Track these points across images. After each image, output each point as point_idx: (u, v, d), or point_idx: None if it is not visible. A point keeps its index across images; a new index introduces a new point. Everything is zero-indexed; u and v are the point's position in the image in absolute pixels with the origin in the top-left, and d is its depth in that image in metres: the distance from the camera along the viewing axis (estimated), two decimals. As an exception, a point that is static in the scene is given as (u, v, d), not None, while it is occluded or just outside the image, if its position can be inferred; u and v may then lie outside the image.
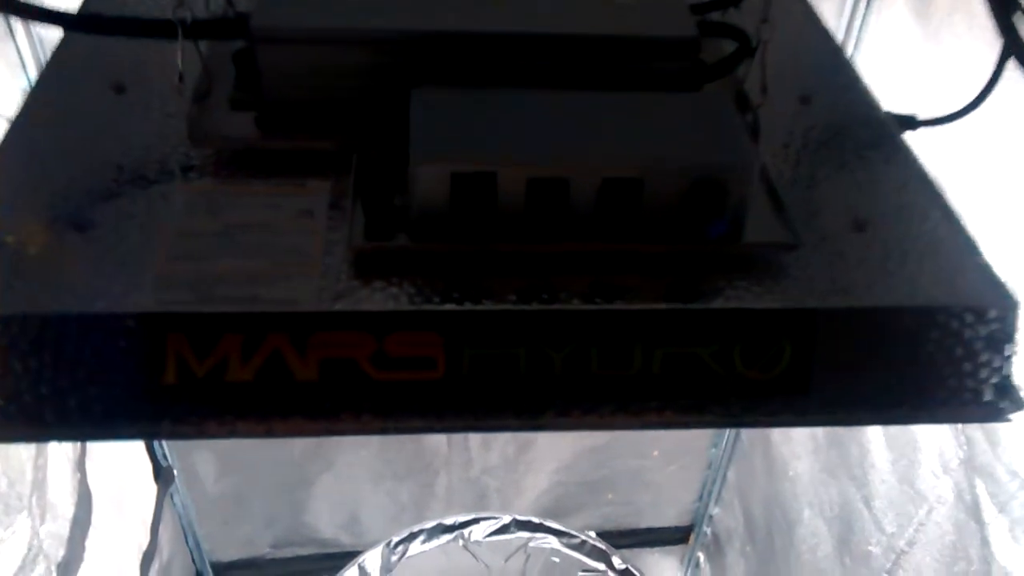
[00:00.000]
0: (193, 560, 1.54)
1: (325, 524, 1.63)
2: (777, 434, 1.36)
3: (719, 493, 1.60)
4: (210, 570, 1.58)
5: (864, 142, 0.63)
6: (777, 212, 0.54)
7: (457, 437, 1.52)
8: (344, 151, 0.55)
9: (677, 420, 0.51)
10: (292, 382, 0.48)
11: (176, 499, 1.45)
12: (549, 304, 0.49)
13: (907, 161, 0.61)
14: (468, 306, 0.49)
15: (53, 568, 0.92)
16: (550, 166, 0.49)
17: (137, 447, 1.32)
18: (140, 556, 1.26)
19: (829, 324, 0.51)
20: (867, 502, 1.13)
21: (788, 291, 0.51)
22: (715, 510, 1.63)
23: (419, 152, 0.49)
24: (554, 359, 0.49)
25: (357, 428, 0.49)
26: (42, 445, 0.91)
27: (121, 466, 1.24)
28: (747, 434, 1.48)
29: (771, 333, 0.50)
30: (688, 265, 0.52)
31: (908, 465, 1.02)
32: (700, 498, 1.65)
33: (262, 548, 1.62)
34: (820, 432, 1.23)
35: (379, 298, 0.49)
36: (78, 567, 0.98)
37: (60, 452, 0.98)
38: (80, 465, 1.03)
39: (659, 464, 1.60)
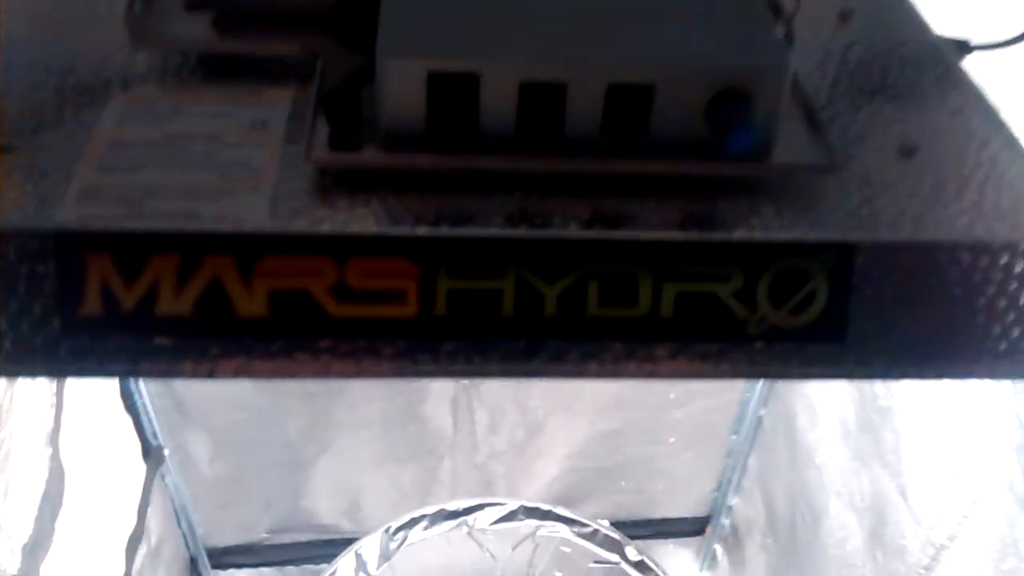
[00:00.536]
0: (187, 545, 1.48)
1: (325, 509, 1.56)
2: (802, 419, 1.28)
3: (739, 482, 1.52)
4: (204, 555, 1.51)
5: (912, 63, 0.55)
6: (812, 131, 0.46)
7: (463, 419, 1.44)
8: (310, 57, 0.48)
9: (690, 369, 0.43)
10: (236, 316, 0.41)
11: (168, 480, 1.38)
12: (542, 230, 0.42)
13: (962, 85, 0.53)
14: (446, 230, 0.41)
15: (17, 549, 0.85)
16: (545, 68, 0.42)
17: (124, 423, 1.26)
18: (127, 540, 1.20)
19: (871, 260, 0.43)
20: (902, 492, 1.04)
21: (823, 221, 0.43)
22: (734, 500, 1.54)
23: (389, 45, 0.41)
24: (546, 296, 0.42)
25: (313, 371, 0.42)
26: (6, 417, 0.84)
27: (105, 443, 1.18)
28: (769, 419, 1.39)
29: (803, 270, 0.42)
30: (707, 188, 0.45)
31: (951, 450, 0.94)
32: (719, 487, 1.57)
33: (259, 533, 1.56)
34: (850, 416, 1.15)
35: (341, 219, 0.41)
36: (47, 549, 0.92)
37: (30, 425, 0.91)
38: (53, 440, 0.96)
39: (676, 450, 1.52)
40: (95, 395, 1.12)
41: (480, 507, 1.35)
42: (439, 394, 1.38)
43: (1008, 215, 0.44)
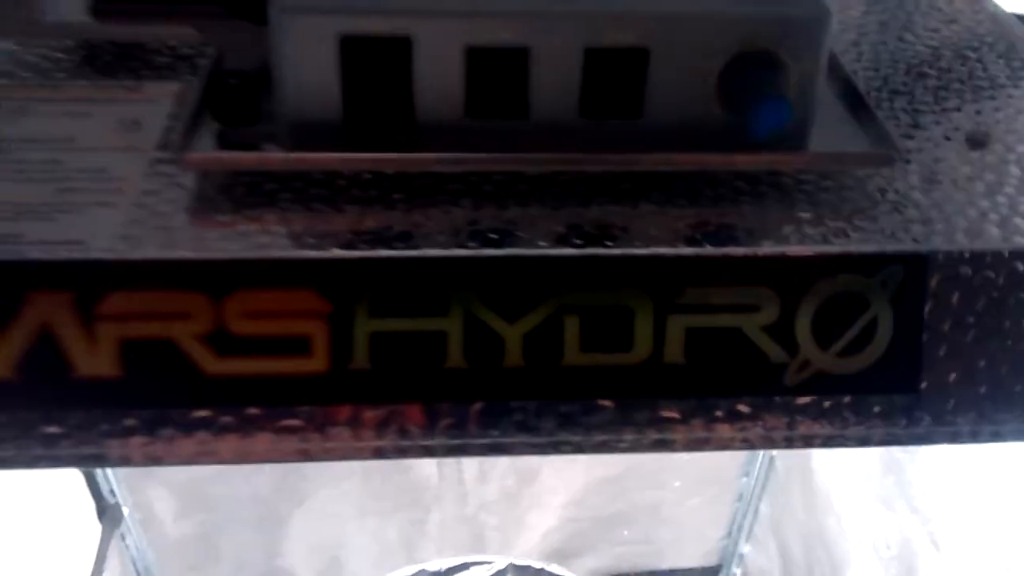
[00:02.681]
0: (151, 612, 1.35)
1: (302, 568, 1.43)
2: (819, 458, 1.16)
3: (751, 529, 1.39)
4: (171, 623, 1.38)
5: (971, 39, 0.44)
6: (858, 115, 0.35)
7: (449, 467, 1.33)
8: (207, 43, 0.37)
9: (709, 437, 0.32)
10: (73, 377, 0.29)
11: (128, 541, 1.26)
12: (500, 249, 0.30)
13: (1038, 59, 0.42)
14: (367, 252, 0.30)
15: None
16: (501, 28, 0.30)
17: (75, 480, 1.14)
18: (81, 612, 1.07)
19: (949, 278, 0.31)
20: (934, 540, 0.92)
21: (882, 228, 0.32)
22: (746, 548, 1.42)
23: (285, 1, 0.30)
24: (507, 339, 0.30)
25: (186, 453, 0.30)
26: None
27: (51, 503, 1.06)
28: (782, 460, 1.27)
29: (858, 294, 0.31)
30: (723, 188, 0.33)
31: (989, 494, 0.82)
32: (729, 534, 1.44)
33: (231, 596, 1.43)
34: (873, 455, 1.03)
35: (222, 239, 0.30)
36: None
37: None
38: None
39: (682, 496, 1.39)
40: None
41: (465, 566, 1.22)
42: (422, 440, 1.26)
43: None
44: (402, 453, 0.31)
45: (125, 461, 0.30)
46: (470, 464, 1.32)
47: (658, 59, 0.31)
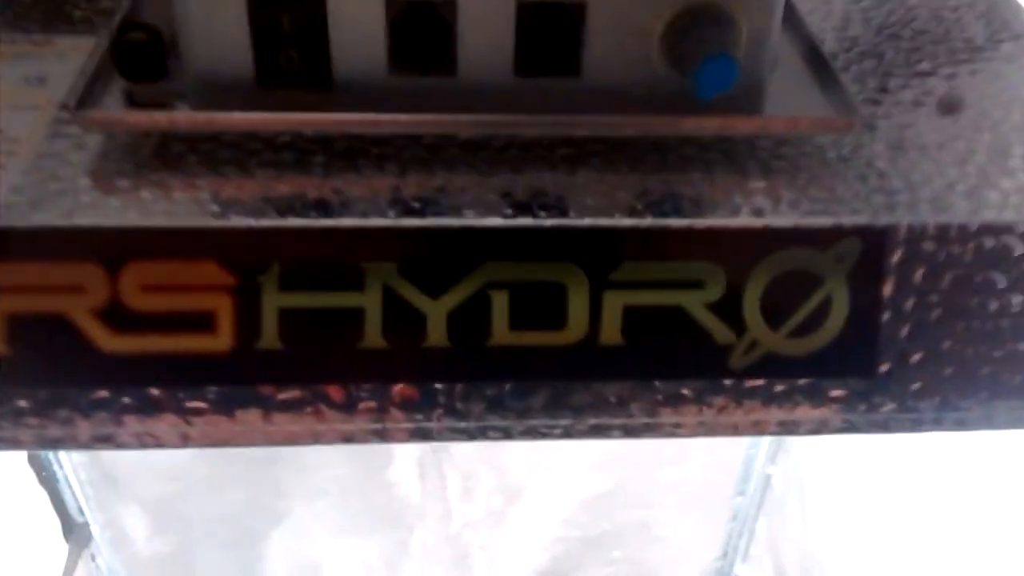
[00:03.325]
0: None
1: (280, 590, 1.40)
2: (816, 476, 1.13)
3: (746, 549, 1.36)
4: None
5: (961, 5, 0.41)
6: (819, 78, 0.32)
7: (432, 484, 1.29)
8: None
9: (648, 424, 0.29)
10: (-45, 354, 0.27)
11: (99, 561, 1.23)
12: (423, 219, 0.28)
13: (1017, 23, 0.40)
14: (276, 220, 0.27)
15: None
16: (424, -22, 0.28)
17: (39, 498, 1.10)
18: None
19: (910, 254, 0.29)
20: (939, 561, 0.90)
21: (839, 199, 0.30)
22: (742, 569, 1.39)
23: (182, -57, 0.28)
24: (429, 316, 0.28)
25: (78, 437, 0.28)
26: None
27: (11, 523, 1.02)
28: (779, 478, 1.24)
29: (810, 271, 0.29)
30: (667, 154, 0.31)
31: (1000, 510, 0.79)
32: (724, 555, 1.41)
33: (207, 619, 1.40)
34: (874, 469, 1.00)
35: (118, 205, 0.28)
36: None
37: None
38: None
39: (674, 515, 1.36)
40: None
41: (444, 589, 1.19)
42: (403, 455, 1.24)
43: (1105, 187, 0.31)
44: (318, 438, 0.29)
45: (16, 444, 0.28)
46: (454, 481, 1.30)
47: (596, 12, 0.28)
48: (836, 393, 0.30)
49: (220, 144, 0.30)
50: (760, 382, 0.29)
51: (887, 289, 0.29)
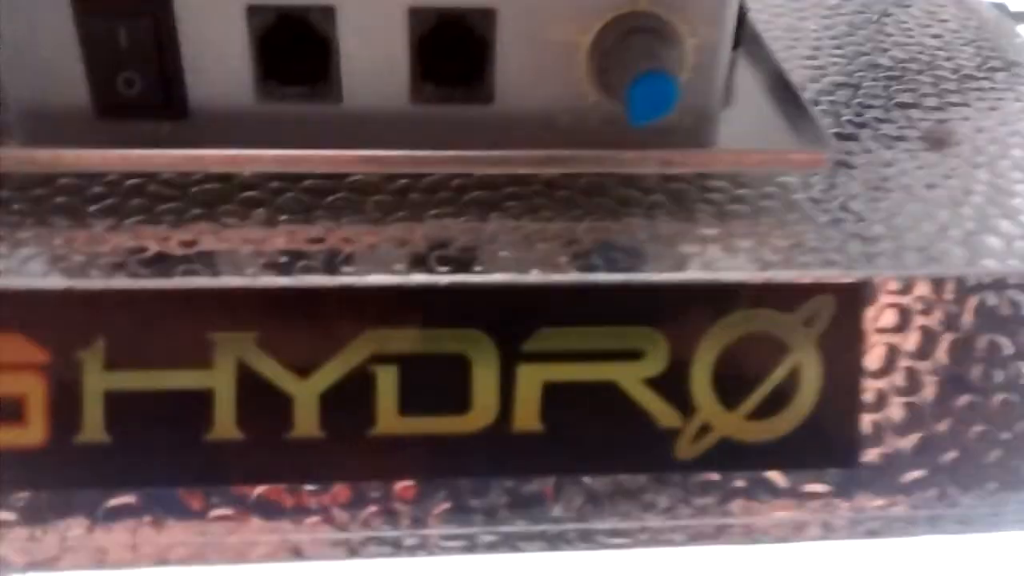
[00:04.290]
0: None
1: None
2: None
3: None
4: None
5: (941, 25, 0.36)
6: (784, 107, 0.27)
7: None
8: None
9: (573, 533, 0.23)
10: None
11: None
12: (289, 276, 0.22)
13: (1013, 55, 0.35)
14: (102, 281, 0.22)
15: None
16: (295, -16, 0.23)
17: None
18: None
19: (900, 313, 0.24)
20: None
21: (808, 248, 0.24)
22: None
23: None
24: (296, 399, 0.22)
25: None
26: None
27: None
28: None
29: (772, 336, 0.23)
30: (603, 195, 0.26)
31: None
32: None
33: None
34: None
35: (-94, 265, 0.22)
36: None
37: None
38: None
39: None
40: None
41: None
42: None
43: None
44: (161, 557, 0.23)
45: None
46: None
47: (509, 24, 0.23)
48: (811, 488, 0.24)
49: (56, 188, 0.25)
50: (714, 476, 0.23)
51: (869, 358, 0.24)
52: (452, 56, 0.24)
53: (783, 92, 0.28)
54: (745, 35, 0.31)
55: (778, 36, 0.35)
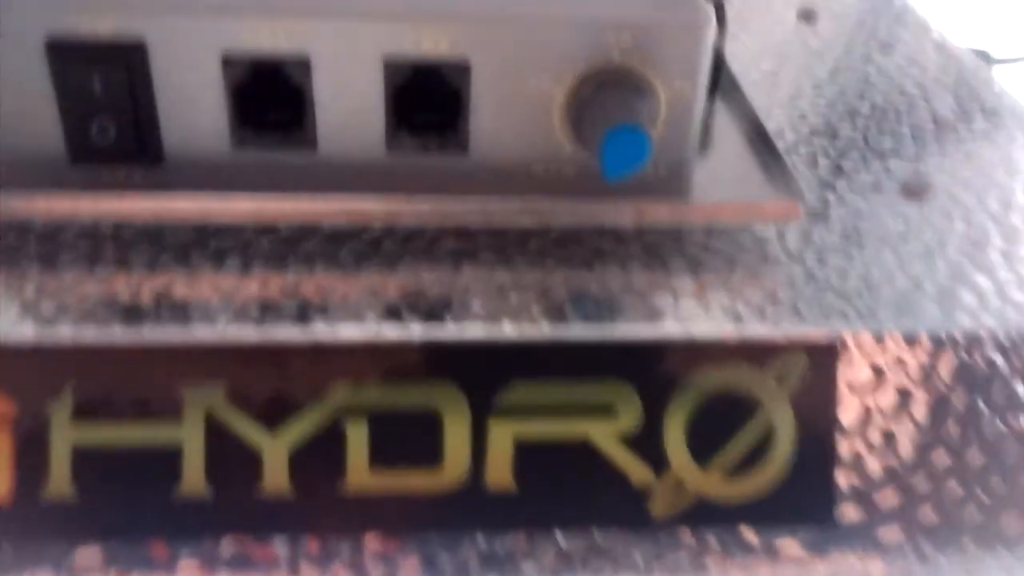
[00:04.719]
0: None
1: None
2: None
3: None
4: None
5: (921, 71, 0.37)
6: (759, 156, 0.27)
7: None
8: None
9: (548, 585, 0.23)
10: None
11: None
12: (261, 327, 0.22)
13: (991, 103, 0.35)
14: (72, 332, 0.22)
15: None
16: (268, 30, 0.23)
17: None
18: None
19: (873, 370, 0.24)
20: None
21: (781, 302, 0.24)
22: None
23: (-39, -12, 0.22)
24: (265, 452, 0.22)
25: None
26: None
27: None
28: None
29: (745, 393, 0.23)
30: (576, 246, 0.26)
31: None
32: None
33: None
34: None
35: None
36: None
37: None
38: None
39: None
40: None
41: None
42: None
43: (1104, 288, 0.25)
44: (124, 610, 0.22)
45: None
46: None
47: (484, 75, 0.23)
48: (786, 546, 0.24)
49: (29, 235, 0.24)
50: (689, 534, 0.23)
51: (843, 415, 0.24)
52: (427, 105, 0.24)
53: (759, 140, 0.28)
54: (723, 81, 0.31)
55: (756, 81, 0.35)
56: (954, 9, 0.59)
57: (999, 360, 0.24)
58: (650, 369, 0.23)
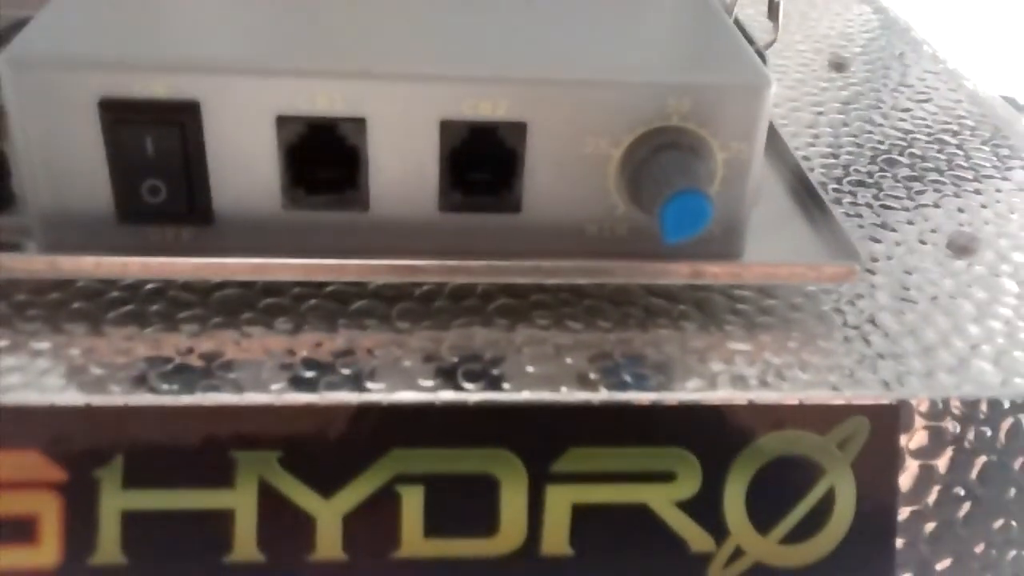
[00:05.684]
0: None
1: None
2: None
3: None
4: None
5: (957, 121, 0.37)
6: (810, 211, 0.27)
7: None
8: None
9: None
10: None
11: None
12: (311, 393, 0.22)
13: (1029, 145, 0.35)
14: (122, 396, 0.21)
15: None
16: (324, 91, 0.22)
17: None
18: None
19: (931, 436, 0.23)
20: None
21: (838, 363, 0.24)
22: None
23: (24, 48, 0.22)
24: (318, 520, 0.22)
25: None
26: None
27: None
28: None
29: (809, 457, 0.23)
30: (630, 307, 0.25)
31: None
32: None
33: None
34: None
35: (-80, 376, 0.21)
36: None
37: None
38: None
39: None
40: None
41: None
42: None
43: None
44: None
45: None
46: None
47: (539, 135, 0.23)
48: (844, 613, 0.23)
49: (73, 293, 0.24)
50: (748, 604, 0.23)
51: (904, 480, 0.23)
52: (481, 165, 0.24)
53: (805, 193, 0.28)
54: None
55: (794, 132, 0.35)
56: (972, 52, 0.59)
57: (1059, 424, 0.24)
58: (709, 434, 0.22)
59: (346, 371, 0.22)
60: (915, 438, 0.23)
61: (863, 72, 0.41)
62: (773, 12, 0.33)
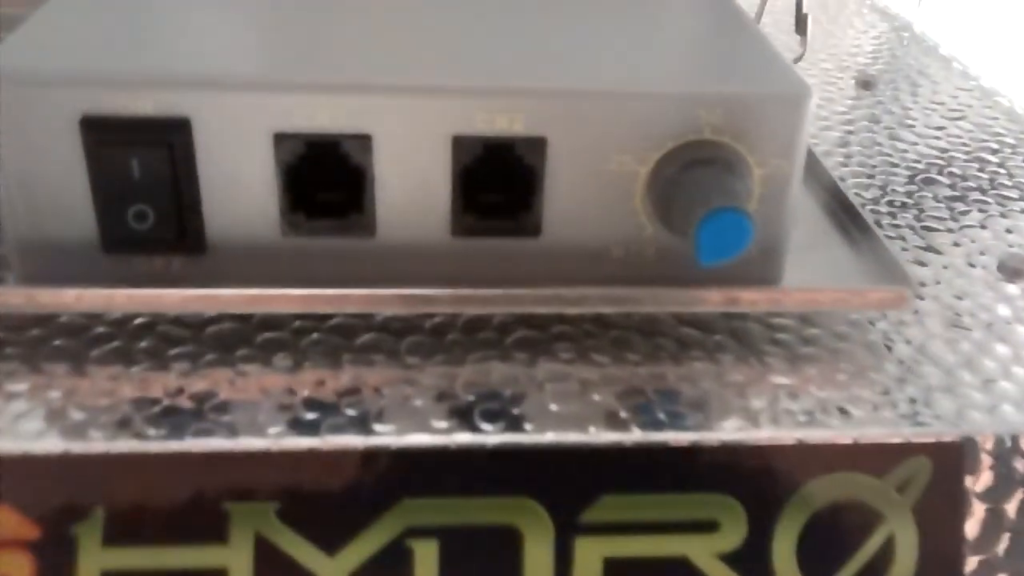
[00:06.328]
0: None
1: None
2: None
3: None
4: None
5: (996, 139, 0.35)
6: (850, 232, 0.25)
7: None
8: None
9: None
10: None
11: None
12: (312, 437, 0.20)
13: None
14: (101, 444, 0.19)
15: None
16: (325, 107, 0.21)
17: None
18: None
19: (999, 476, 0.21)
20: None
21: (892, 399, 0.22)
22: None
23: (9, 63, 0.20)
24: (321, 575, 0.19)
25: None
26: None
27: None
28: None
29: (866, 502, 0.21)
30: (662, 337, 0.23)
31: None
32: None
33: None
34: None
35: None
36: None
37: None
38: None
39: None
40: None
41: None
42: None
43: None
44: None
45: None
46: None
47: (560, 153, 0.21)
48: (906, 676, 0.21)
49: (54, 329, 0.22)
50: (801, 667, 0.20)
51: (970, 527, 0.21)
52: (497, 185, 0.22)
53: (843, 213, 0.26)
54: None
55: (828, 151, 0.33)
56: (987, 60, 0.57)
57: None
58: (755, 478, 0.20)
59: (351, 412, 0.20)
60: (982, 479, 0.21)
61: (891, 90, 0.39)
62: (801, 26, 0.31)
